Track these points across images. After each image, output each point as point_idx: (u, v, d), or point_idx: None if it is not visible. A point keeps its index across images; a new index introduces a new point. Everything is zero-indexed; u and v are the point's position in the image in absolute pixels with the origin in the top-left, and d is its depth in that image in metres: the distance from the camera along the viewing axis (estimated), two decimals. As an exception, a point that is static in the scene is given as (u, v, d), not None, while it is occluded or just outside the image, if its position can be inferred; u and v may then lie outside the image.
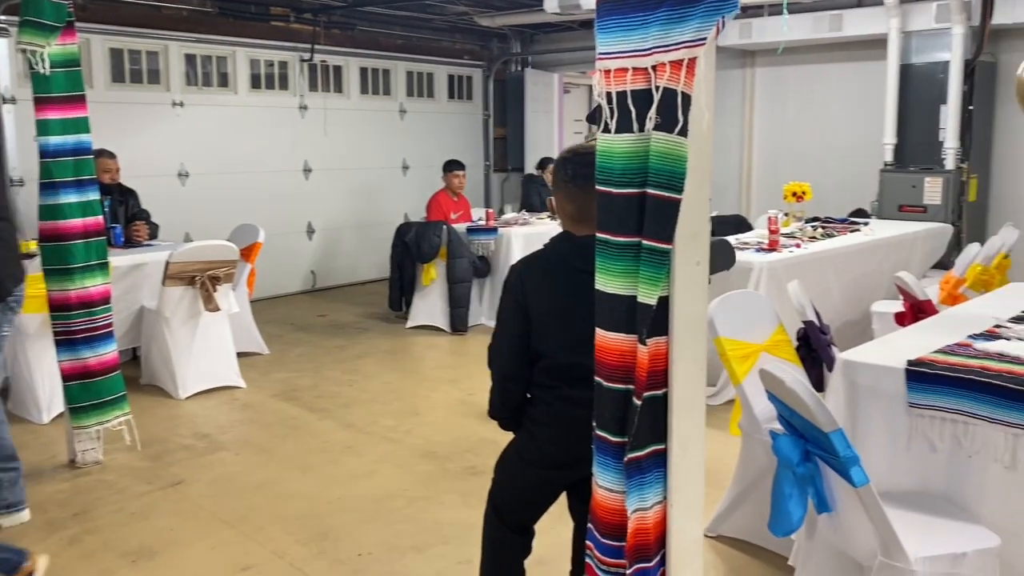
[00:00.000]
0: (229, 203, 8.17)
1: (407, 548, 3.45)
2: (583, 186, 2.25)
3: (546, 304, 2.31)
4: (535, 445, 2.44)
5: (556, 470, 2.42)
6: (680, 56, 1.58)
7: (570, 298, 2.27)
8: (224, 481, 4.14)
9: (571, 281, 2.27)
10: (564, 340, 2.30)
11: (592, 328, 2.05)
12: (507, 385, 2.45)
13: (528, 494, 2.50)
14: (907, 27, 7.61)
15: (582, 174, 2.25)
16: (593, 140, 1.84)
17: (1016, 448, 2.52)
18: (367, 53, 9.49)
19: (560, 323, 2.30)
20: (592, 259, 2.12)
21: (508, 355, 2.41)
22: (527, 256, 2.50)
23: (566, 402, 2.32)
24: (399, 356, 6.61)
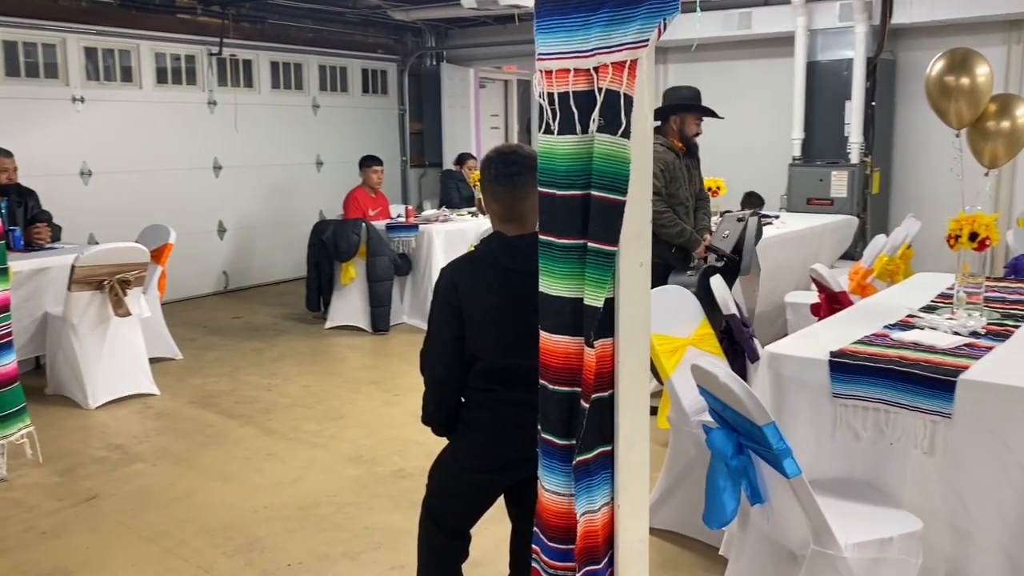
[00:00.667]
0: (135, 203, 7.86)
1: (339, 556, 3.38)
2: (506, 185, 2.27)
3: (480, 305, 2.28)
4: (472, 450, 2.41)
5: (495, 474, 2.40)
6: (622, 58, 1.58)
7: (504, 299, 2.25)
8: (141, 494, 3.98)
9: (505, 281, 2.26)
10: (500, 341, 2.28)
11: (528, 328, 2.06)
12: (441, 389, 2.41)
13: (466, 500, 2.47)
14: (813, 25, 7.86)
15: (504, 173, 2.27)
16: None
17: (934, 434, 2.63)
18: (277, 47, 9.26)
19: (495, 324, 2.27)
20: (525, 259, 2.15)
21: (441, 359, 2.36)
22: (458, 257, 2.48)
23: (503, 404, 2.30)
24: (319, 358, 6.48)
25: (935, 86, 3.65)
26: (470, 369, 2.36)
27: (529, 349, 2.07)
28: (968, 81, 3.55)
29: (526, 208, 2.27)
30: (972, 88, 3.56)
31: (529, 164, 2.25)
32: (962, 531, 2.60)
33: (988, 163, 3.96)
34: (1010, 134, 3.86)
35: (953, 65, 3.60)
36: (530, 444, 2.08)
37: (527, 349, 2.09)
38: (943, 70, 3.64)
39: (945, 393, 2.59)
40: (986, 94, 3.61)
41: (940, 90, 3.63)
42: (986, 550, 2.57)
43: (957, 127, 3.69)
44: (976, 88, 3.56)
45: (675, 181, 4.86)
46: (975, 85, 3.56)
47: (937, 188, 7.87)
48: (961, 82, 3.56)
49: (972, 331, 3.11)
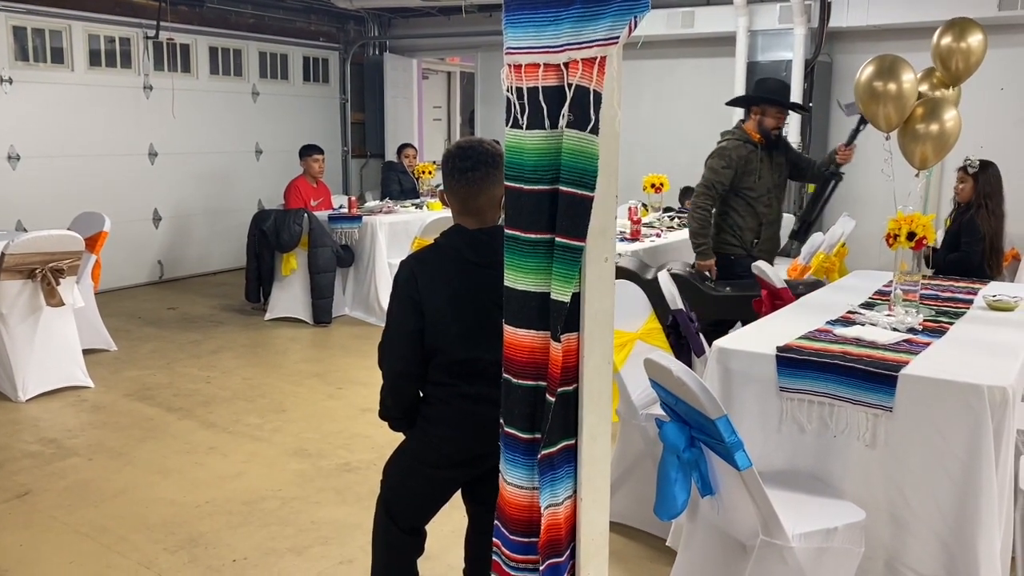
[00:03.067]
0: (66, 189, 7.62)
1: (285, 551, 3.34)
2: (460, 180, 2.29)
3: (440, 299, 2.28)
4: (432, 446, 2.40)
5: (454, 469, 2.40)
6: (593, 54, 1.58)
7: (465, 292, 2.26)
8: (78, 489, 3.86)
9: (465, 275, 2.27)
10: (460, 335, 2.28)
11: (489, 322, 2.15)
12: (400, 383, 2.40)
13: (423, 496, 2.46)
14: (753, 26, 8.01)
15: (459, 168, 2.29)
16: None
17: (876, 427, 2.71)
18: (217, 32, 9.05)
19: (456, 318, 2.27)
20: (486, 252, 2.23)
21: (401, 352, 2.35)
22: (419, 251, 2.47)
23: (464, 399, 2.31)
24: (259, 350, 6.37)
25: (864, 91, 3.79)
26: (429, 363, 2.35)
27: (490, 343, 2.13)
28: (895, 87, 3.70)
29: (483, 203, 2.29)
30: (899, 94, 3.70)
31: (486, 159, 2.28)
32: (900, 520, 2.70)
33: (918, 164, 4.10)
34: (938, 136, 4.01)
35: (881, 71, 3.74)
36: (490, 441, 2.10)
37: (488, 343, 2.17)
38: (872, 76, 3.77)
39: (887, 387, 2.67)
40: (911, 99, 3.75)
41: (869, 94, 3.76)
42: (923, 538, 2.67)
43: (886, 130, 3.82)
44: (902, 93, 3.71)
45: (749, 174, 4.89)
46: (901, 91, 3.71)
47: (868, 189, 8.10)
48: (888, 87, 3.70)
49: (910, 327, 3.22)
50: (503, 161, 2.15)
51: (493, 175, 2.27)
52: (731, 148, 4.92)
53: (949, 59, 4.26)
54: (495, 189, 2.26)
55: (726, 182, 4.86)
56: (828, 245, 5.93)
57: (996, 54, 7.52)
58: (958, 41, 4.25)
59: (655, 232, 6.09)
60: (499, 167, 2.25)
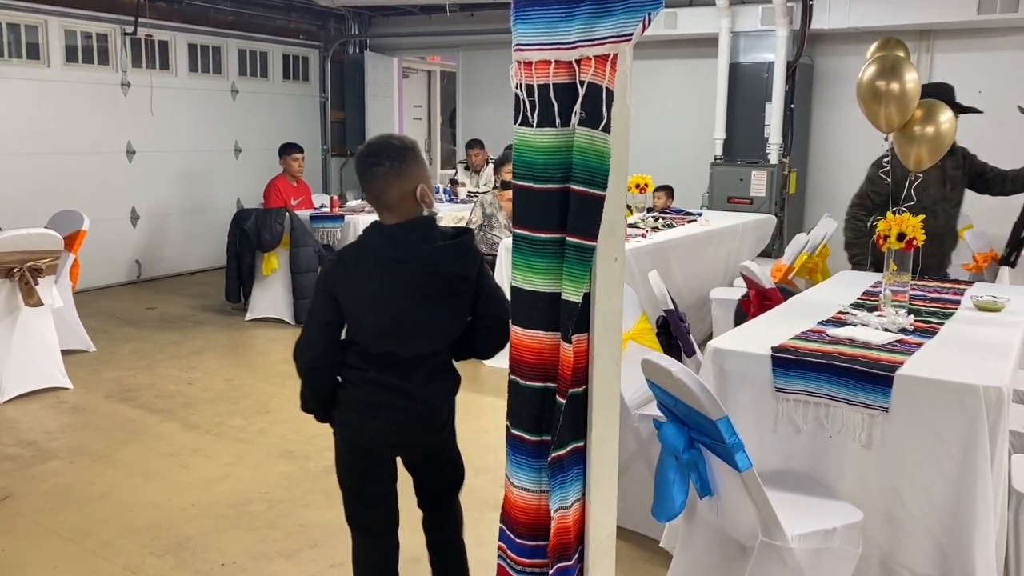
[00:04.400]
0: (42, 187, 7.49)
1: (274, 554, 3.29)
2: (364, 176, 2.30)
3: (357, 294, 2.29)
4: (345, 435, 2.41)
5: (371, 460, 2.40)
6: (605, 51, 1.57)
7: (381, 287, 2.27)
8: (60, 493, 3.79)
9: (383, 271, 2.28)
10: (375, 330, 2.30)
11: (403, 317, 2.26)
12: (313, 375, 2.39)
13: (357, 489, 2.44)
14: (736, 28, 8.04)
15: (363, 164, 2.30)
16: None
17: (871, 428, 2.72)
18: (196, 29, 8.94)
19: (372, 312, 2.29)
20: (404, 247, 2.26)
21: (314, 344, 2.35)
22: (344, 246, 2.50)
23: (374, 385, 2.32)
24: (241, 351, 6.30)
25: (867, 90, 3.77)
26: (346, 352, 2.37)
27: (406, 338, 2.27)
28: (898, 86, 3.68)
29: (393, 197, 2.28)
30: (902, 93, 3.68)
31: (390, 154, 2.28)
32: (896, 520, 2.70)
33: (913, 166, 4.13)
34: (933, 139, 4.03)
35: (884, 70, 3.73)
36: (401, 430, 2.32)
37: (404, 338, 2.27)
38: (874, 75, 3.76)
39: (883, 388, 2.67)
40: (914, 100, 3.75)
41: (871, 94, 3.74)
42: (917, 538, 2.67)
43: (886, 131, 3.82)
44: (905, 93, 3.69)
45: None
46: (904, 90, 3.69)
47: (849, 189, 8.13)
48: (891, 87, 3.69)
49: (901, 328, 3.23)
50: (414, 155, 2.30)
51: (399, 168, 2.26)
52: (892, 158, 4.49)
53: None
54: (404, 183, 2.26)
55: (883, 192, 4.52)
56: (811, 246, 5.96)
57: (975, 57, 7.65)
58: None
59: (640, 233, 6.09)
60: (406, 161, 2.27)
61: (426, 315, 2.28)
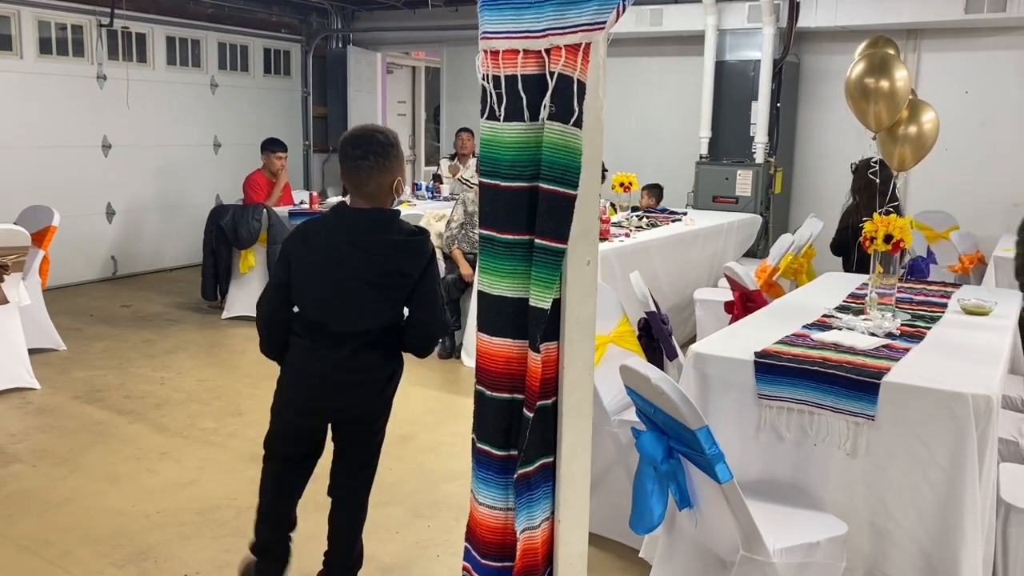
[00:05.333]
0: (15, 182, 7.31)
1: (239, 564, 3.16)
2: (350, 167, 2.50)
3: (306, 264, 2.53)
4: (279, 390, 2.66)
5: (296, 416, 2.65)
6: (576, 40, 1.46)
7: (328, 264, 2.49)
8: (19, 499, 3.65)
9: (333, 249, 2.49)
10: (312, 299, 2.54)
11: (337, 293, 2.47)
12: (267, 328, 2.67)
13: (282, 435, 2.70)
14: (722, 25, 7.95)
15: (350, 155, 2.49)
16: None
17: (857, 436, 2.63)
18: (174, 21, 8.78)
19: (312, 283, 2.52)
20: (357, 234, 2.48)
21: (269, 301, 2.63)
22: (312, 219, 2.68)
23: (303, 352, 2.56)
24: (216, 350, 6.16)
25: (855, 88, 3.68)
26: (293, 320, 2.61)
27: (343, 314, 2.50)
28: (887, 84, 3.59)
29: (372, 188, 2.50)
30: (891, 91, 3.60)
31: (375, 149, 2.48)
32: (882, 530, 2.62)
33: (897, 166, 4.05)
34: (917, 139, 3.95)
35: (873, 68, 3.64)
36: (317, 396, 2.57)
37: (333, 312, 2.51)
38: (863, 72, 3.67)
39: (869, 395, 2.59)
40: (904, 98, 3.66)
41: (860, 92, 3.66)
42: (904, 549, 2.59)
43: (876, 130, 3.74)
44: (895, 92, 3.61)
45: None
46: (894, 88, 3.60)
47: (835, 189, 8.10)
48: (881, 85, 3.60)
49: (888, 332, 3.15)
50: (396, 151, 2.52)
51: (382, 164, 2.48)
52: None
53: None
54: (384, 177, 2.48)
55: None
56: (796, 247, 5.88)
57: (962, 57, 7.59)
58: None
59: (624, 232, 5.99)
60: (389, 156, 2.49)
61: (362, 297, 2.48)
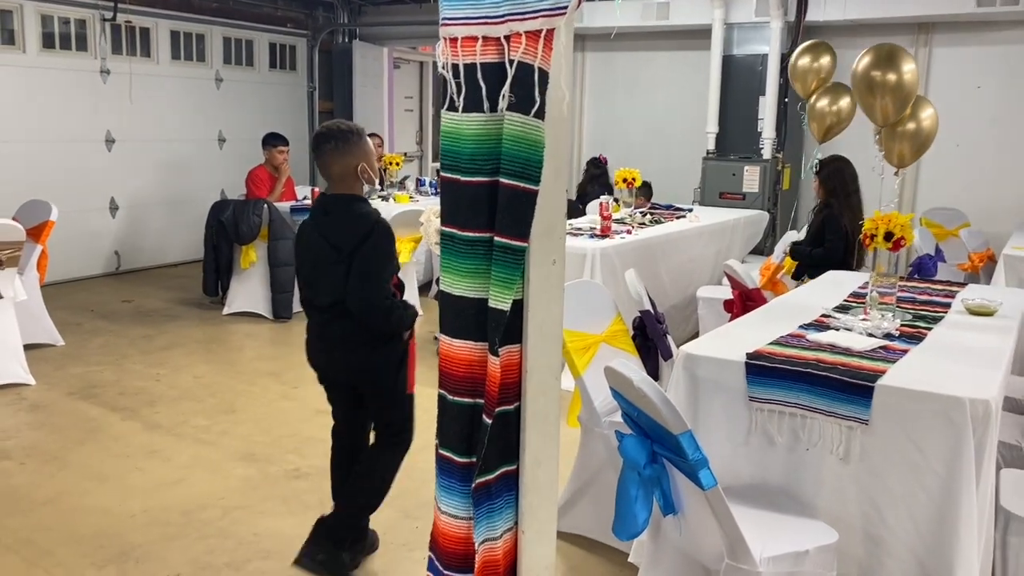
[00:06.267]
0: (17, 176, 7.29)
1: (221, 566, 3.11)
2: (316, 152, 2.84)
3: (298, 248, 2.96)
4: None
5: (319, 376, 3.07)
6: (537, 26, 1.38)
7: (307, 245, 2.87)
8: (5, 497, 3.62)
9: (312, 230, 2.86)
10: (302, 278, 2.95)
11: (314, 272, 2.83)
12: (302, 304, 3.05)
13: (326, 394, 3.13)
14: (729, 19, 7.84)
15: (315, 143, 2.84)
16: None
17: (850, 441, 2.54)
18: (178, 15, 8.75)
19: (303, 266, 2.91)
20: (321, 214, 2.86)
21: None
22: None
23: (309, 322, 3.00)
24: (214, 346, 6.12)
25: (862, 81, 3.58)
26: None
27: (318, 289, 2.85)
28: (895, 77, 3.49)
29: (337, 171, 2.82)
30: (898, 85, 3.49)
31: (335, 135, 2.80)
32: (876, 537, 2.53)
33: (896, 163, 3.95)
34: (915, 136, 3.85)
35: (880, 60, 3.53)
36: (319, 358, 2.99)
37: (317, 289, 2.86)
38: (870, 65, 3.56)
39: (863, 399, 2.50)
40: (913, 92, 3.55)
41: (867, 85, 3.55)
42: (898, 556, 2.51)
43: (882, 124, 3.63)
44: (903, 85, 3.50)
45: None
46: (901, 81, 3.50)
47: (844, 186, 7.98)
48: (888, 78, 3.49)
49: (886, 333, 3.05)
50: (358, 138, 2.82)
51: (341, 147, 2.79)
52: None
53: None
54: (347, 159, 2.78)
55: None
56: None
57: (974, 51, 7.45)
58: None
59: (626, 229, 5.91)
60: (349, 141, 2.79)
61: (325, 273, 2.80)
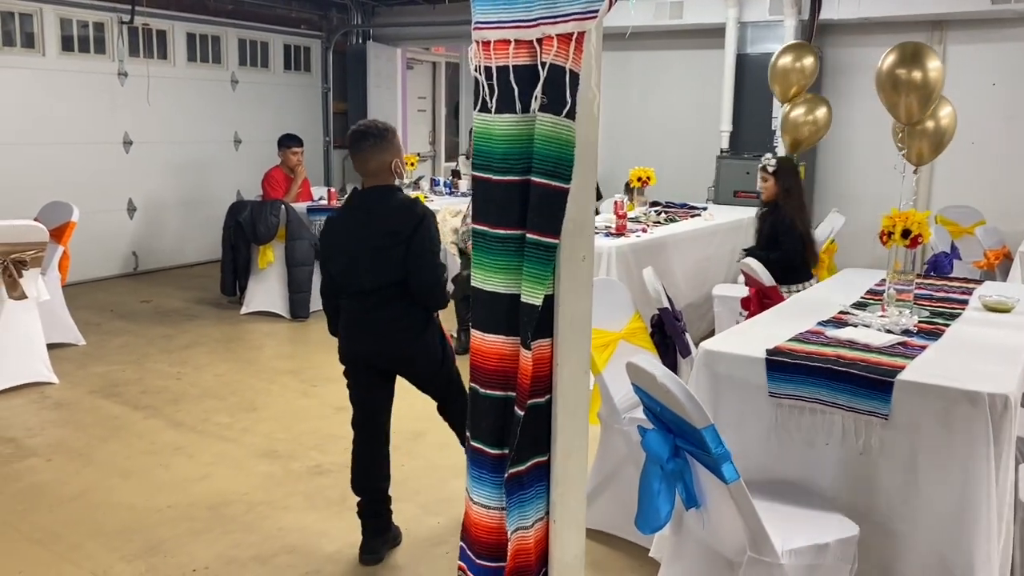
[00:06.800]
0: (37, 178, 7.38)
1: (248, 560, 3.17)
2: (352, 149, 3.01)
3: (331, 240, 3.10)
4: (339, 346, 3.18)
5: (349, 363, 3.14)
6: (569, 29, 1.42)
7: (347, 234, 3.02)
8: (33, 493, 3.68)
9: (348, 221, 3.06)
10: (340, 266, 3.06)
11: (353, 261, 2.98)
12: (325, 300, 3.22)
13: (349, 383, 3.18)
14: (743, 18, 7.86)
15: (351, 140, 3.02)
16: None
17: (870, 435, 2.57)
18: (194, 17, 8.82)
19: (338, 253, 3.05)
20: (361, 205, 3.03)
21: (323, 278, 3.25)
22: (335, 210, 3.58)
23: (346, 311, 3.11)
24: (233, 345, 6.18)
25: (887, 79, 3.59)
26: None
27: (362, 275, 2.99)
28: (920, 75, 3.50)
29: (373, 167, 3.00)
30: (924, 82, 3.51)
31: (371, 132, 2.99)
32: (895, 532, 2.56)
33: (915, 161, 3.96)
34: (934, 134, 3.87)
35: (904, 58, 3.54)
36: (363, 341, 3.07)
37: (357, 273, 3.00)
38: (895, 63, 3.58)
39: (882, 394, 2.53)
40: (938, 90, 3.56)
41: (891, 84, 3.57)
42: (918, 550, 2.54)
43: (905, 122, 3.64)
44: (928, 83, 3.51)
45: None
46: (927, 80, 3.51)
47: (858, 185, 8.00)
48: (913, 76, 3.51)
49: (904, 329, 3.08)
50: (392, 135, 3.02)
51: (379, 144, 2.97)
52: None
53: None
54: (383, 155, 2.97)
55: None
56: (818, 242, 5.79)
57: (989, 49, 7.44)
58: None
59: (641, 227, 5.94)
60: (385, 139, 2.98)
61: (376, 258, 2.94)
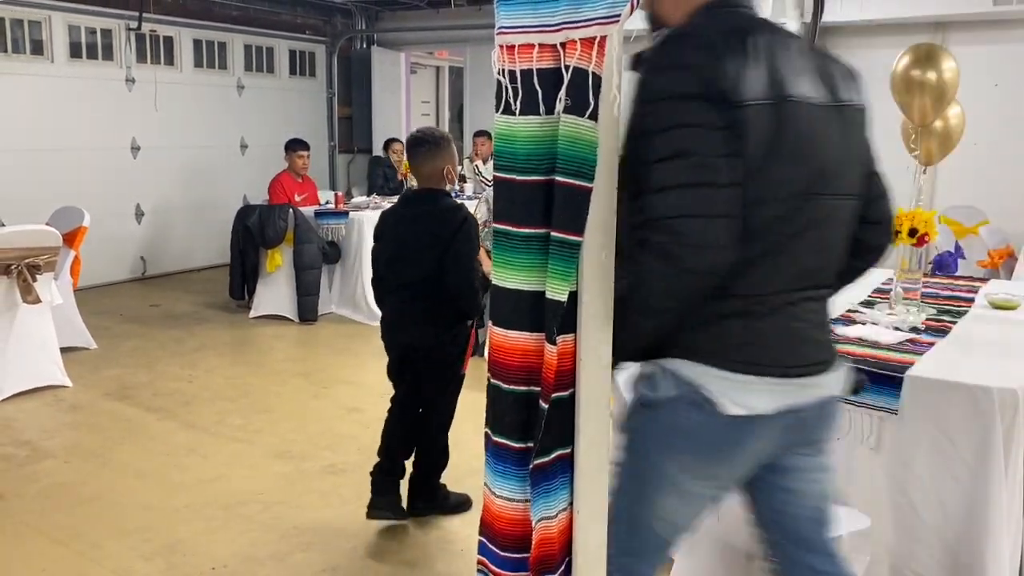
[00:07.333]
0: (45, 183, 7.43)
1: (265, 558, 3.21)
2: (411, 153, 3.28)
3: (380, 234, 3.34)
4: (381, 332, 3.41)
5: (390, 351, 3.39)
6: (592, 33, 1.47)
7: (393, 232, 3.27)
8: (52, 493, 3.73)
9: (396, 220, 3.29)
10: (383, 260, 3.32)
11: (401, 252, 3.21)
12: (372, 287, 3.49)
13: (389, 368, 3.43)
14: (746, 20, 7.88)
15: (410, 144, 3.29)
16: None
17: (881, 431, 2.61)
18: (200, 24, 8.89)
19: (386, 247, 3.29)
20: (411, 207, 3.29)
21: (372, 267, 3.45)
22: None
23: (388, 302, 3.36)
24: (243, 348, 6.23)
25: (900, 80, 3.62)
26: None
27: (397, 267, 3.23)
28: (935, 76, 3.53)
29: (427, 170, 3.24)
30: (939, 83, 3.54)
31: (429, 139, 3.24)
32: (906, 526, 2.60)
33: (924, 160, 4.00)
34: (943, 134, 3.91)
35: (918, 60, 3.57)
36: (401, 330, 3.29)
37: (396, 268, 3.24)
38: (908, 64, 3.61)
39: (892, 389, 2.57)
40: (953, 91, 3.60)
41: (905, 85, 3.60)
42: (929, 545, 2.57)
43: (919, 124, 3.67)
44: (943, 84, 3.54)
45: None
46: (942, 80, 3.54)
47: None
48: (927, 77, 3.54)
49: (912, 327, 3.12)
50: (447, 143, 3.25)
51: (434, 151, 3.21)
52: None
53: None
54: (437, 161, 3.20)
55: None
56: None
57: (991, 50, 7.47)
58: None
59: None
60: (440, 146, 3.22)
61: (418, 254, 3.16)
